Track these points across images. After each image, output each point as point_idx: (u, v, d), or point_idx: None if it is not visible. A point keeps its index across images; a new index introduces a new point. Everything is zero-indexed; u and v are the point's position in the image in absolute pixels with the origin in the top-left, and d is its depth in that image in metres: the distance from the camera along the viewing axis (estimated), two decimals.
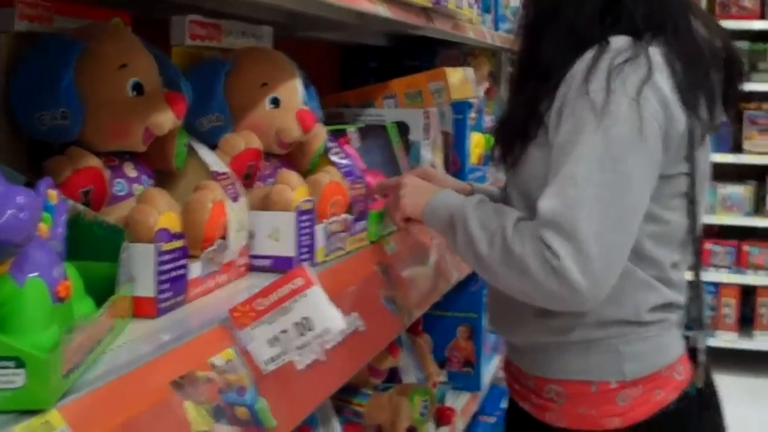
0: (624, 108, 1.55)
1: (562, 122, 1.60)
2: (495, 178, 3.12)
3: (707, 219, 3.11)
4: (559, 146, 1.59)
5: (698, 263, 1.78)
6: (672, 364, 1.73)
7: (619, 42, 1.61)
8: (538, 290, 1.57)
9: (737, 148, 5.84)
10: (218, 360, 1.24)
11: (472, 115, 2.87)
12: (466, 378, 3.15)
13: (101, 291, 1.21)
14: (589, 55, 1.61)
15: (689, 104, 1.62)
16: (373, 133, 2.26)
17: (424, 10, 2.33)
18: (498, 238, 1.60)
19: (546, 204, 1.56)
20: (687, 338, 1.78)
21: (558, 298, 1.56)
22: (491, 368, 3.31)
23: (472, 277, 2.92)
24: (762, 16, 5.64)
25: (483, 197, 1.75)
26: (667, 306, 1.72)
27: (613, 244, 1.55)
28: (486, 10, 3.24)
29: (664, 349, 1.73)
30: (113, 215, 1.35)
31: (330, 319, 1.31)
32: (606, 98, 1.55)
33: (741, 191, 5.92)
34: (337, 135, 2.05)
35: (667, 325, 1.73)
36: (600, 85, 1.56)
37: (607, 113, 1.54)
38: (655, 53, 1.61)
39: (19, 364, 0.93)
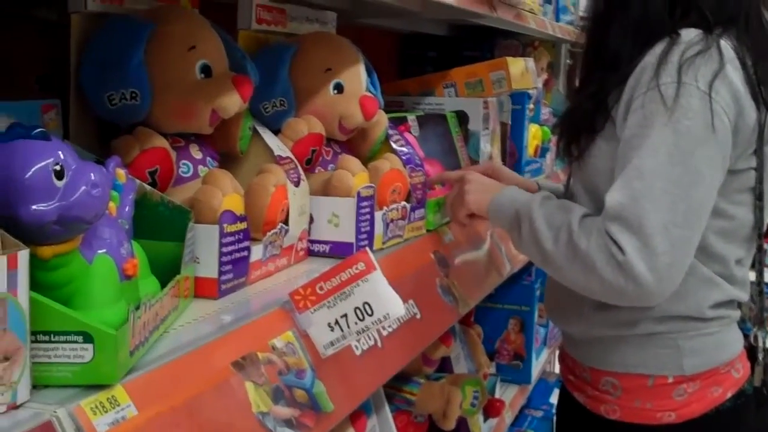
0: (695, 101, 1.53)
1: (631, 115, 1.58)
2: (551, 170, 3.10)
3: None
4: (627, 140, 1.58)
5: (761, 261, 1.75)
6: (731, 361, 1.72)
7: (689, 35, 1.59)
8: (604, 286, 1.55)
9: None
10: (278, 342, 1.25)
11: (531, 106, 2.85)
12: (515, 371, 3.13)
13: (166, 270, 1.22)
14: (659, 48, 1.59)
15: (760, 98, 1.60)
16: (432, 121, 2.26)
17: None
18: (563, 233, 1.59)
19: (613, 198, 1.54)
20: (747, 336, 1.76)
21: (624, 294, 1.54)
22: (540, 362, 3.30)
23: (525, 270, 2.91)
24: None
25: (548, 194, 1.74)
26: (729, 303, 1.70)
27: (681, 239, 1.53)
28: (548, 0, 3.21)
29: (724, 346, 1.72)
30: (178, 196, 1.36)
31: (391, 304, 1.31)
32: (677, 91, 1.53)
33: None
34: (398, 122, 2.05)
35: (728, 322, 1.72)
36: (671, 78, 1.54)
37: (678, 106, 1.52)
38: (727, 46, 1.59)
39: (87, 339, 0.94)
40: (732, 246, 1.68)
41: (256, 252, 1.44)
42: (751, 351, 1.76)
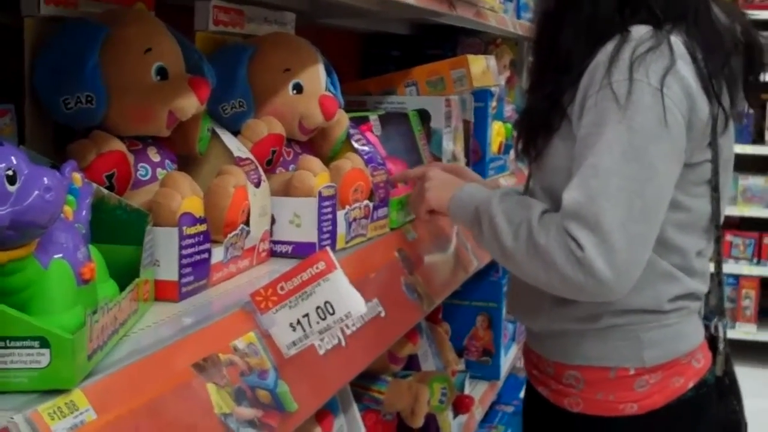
0: (647, 98, 1.54)
1: (585, 114, 1.60)
2: (515, 167, 3.11)
3: (728, 210, 3.11)
4: (582, 138, 1.59)
5: (719, 252, 1.77)
6: (691, 351, 1.73)
7: (640, 31, 1.61)
8: (564, 282, 1.56)
9: (759, 139, 5.80)
10: (240, 343, 1.25)
11: (493, 104, 2.86)
12: (484, 367, 3.14)
13: (124, 274, 1.21)
14: (610, 46, 1.60)
15: (712, 91, 1.61)
16: (394, 120, 2.26)
17: None
18: (523, 230, 1.60)
19: (570, 196, 1.55)
20: (707, 326, 1.78)
21: (584, 290, 1.56)
22: (509, 358, 3.31)
23: (492, 266, 2.92)
24: None
25: (508, 190, 1.75)
26: (689, 295, 1.72)
27: (638, 234, 1.54)
28: None
29: (684, 337, 1.73)
30: (137, 199, 1.35)
31: (352, 303, 1.31)
32: (629, 88, 1.54)
33: (762, 183, 5.88)
34: (359, 122, 2.05)
35: (687, 313, 1.73)
36: (623, 76, 1.55)
37: (630, 103, 1.54)
38: (677, 42, 1.61)
39: (44, 344, 0.93)
40: (691, 238, 1.69)
41: (217, 254, 1.43)
42: (712, 341, 1.77)
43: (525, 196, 1.75)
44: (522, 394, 2.06)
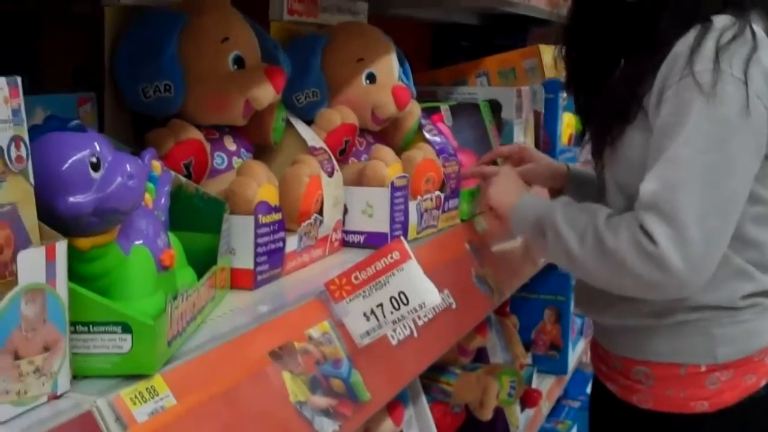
0: (731, 88, 1.51)
1: (664, 105, 1.56)
2: (586, 158, 3.08)
3: None
4: (660, 129, 1.56)
5: None
6: (765, 348, 1.69)
7: (722, 20, 1.57)
8: (636, 281, 1.54)
9: None
10: (315, 332, 1.25)
11: (564, 95, 2.83)
12: (551, 361, 3.12)
13: (202, 262, 1.23)
14: (691, 36, 1.57)
15: None
16: (465, 111, 2.25)
17: None
18: (589, 234, 1.58)
19: (647, 187, 1.53)
20: None
21: (657, 287, 1.53)
22: (577, 352, 3.28)
23: None
24: None
25: (568, 199, 1.72)
26: (764, 292, 1.68)
27: (715, 228, 1.51)
28: None
29: (758, 334, 1.69)
30: (213, 187, 1.36)
31: (426, 293, 1.31)
32: (712, 78, 1.51)
33: None
34: (430, 112, 2.04)
35: (762, 310, 1.69)
36: (706, 66, 1.52)
37: (713, 94, 1.50)
38: (759, 29, 1.57)
39: (126, 329, 0.94)
40: None
41: (291, 243, 1.44)
42: None
43: (587, 202, 1.72)
44: (589, 390, 2.04)
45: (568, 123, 2.89)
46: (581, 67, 1.87)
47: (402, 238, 1.34)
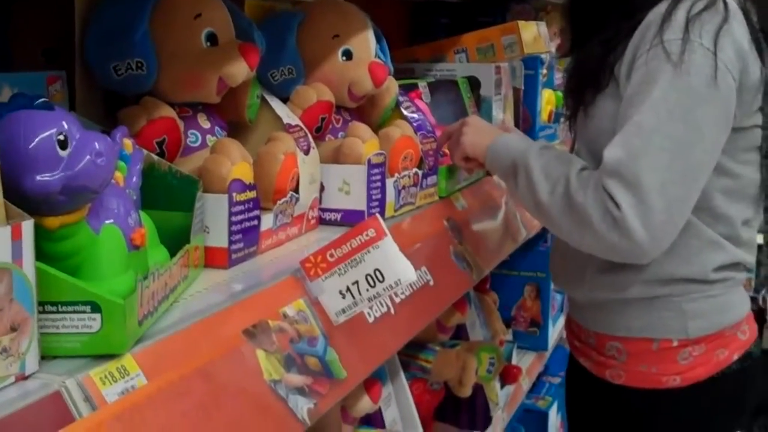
0: (699, 58, 1.51)
1: (634, 73, 1.57)
2: (565, 135, 3.08)
3: None
4: (629, 97, 1.56)
5: None
6: (736, 323, 1.71)
7: None
8: (597, 240, 1.54)
9: None
10: (290, 310, 1.25)
11: (544, 71, 2.83)
12: (531, 338, 3.13)
13: (175, 240, 1.22)
14: (663, 6, 1.57)
15: (764, 51, 1.58)
16: (443, 87, 2.24)
17: None
18: (560, 185, 1.58)
19: (611, 153, 1.53)
20: (754, 299, 1.75)
21: (616, 249, 1.54)
22: (557, 329, 3.29)
23: (540, 236, 2.90)
24: None
25: (546, 143, 1.72)
26: (735, 265, 1.69)
27: (677, 197, 1.51)
28: None
29: (729, 308, 1.71)
30: (187, 166, 1.35)
31: (401, 270, 1.30)
32: (681, 48, 1.51)
33: None
34: (408, 89, 2.04)
35: (733, 284, 1.70)
36: (676, 35, 1.52)
37: (682, 63, 1.51)
38: (732, 1, 1.57)
39: (95, 309, 0.94)
40: (739, 206, 1.66)
41: (267, 221, 1.43)
42: (759, 314, 1.75)
43: (565, 151, 1.72)
44: None
45: (548, 100, 2.88)
46: (575, 37, 1.87)
47: (378, 215, 1.33)
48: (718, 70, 1.51)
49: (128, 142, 1.21)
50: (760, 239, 1.77)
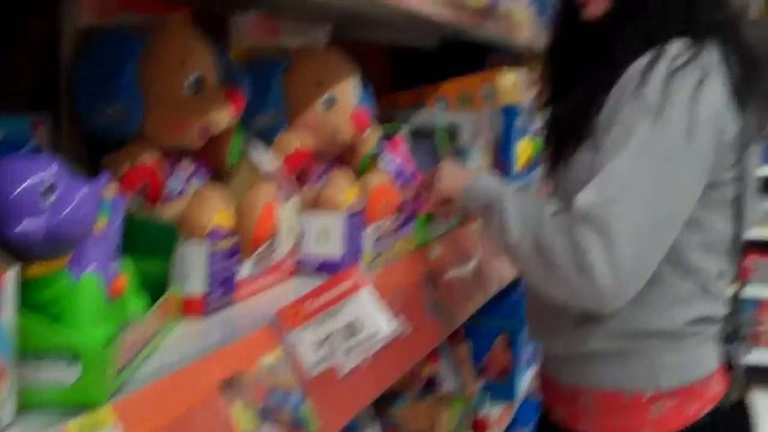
0: (678, 111, 1.53)
1: (613, 125, 1.59)
2: (541, 184, 3.10)
3: (752, 232, 3.02)
4: (606, 148, 1.58)
5: (740, 275, 1.75)
6: (707, 377, 1.71)
7: (676, 46, 1.60)
8: (564, 284, 1.55)
9: None
10: (266, 361, 1.24)
11: (521, 119, 2.85)
12: (502, 388, 3.12)
13: (154, 288, 1.21)
14: (644, 60, 1.59)
15: (741, 107, 1.60)
16: (423, 135, 2.26)
17: (478, 13, 2.32)
18: (532, 228, 1.59)
19: (584, 197, 1.54)
20: (725, 352, 1.76)
21: (582, 295, 1.55)
22: (527, 379, 3.29)
23: (513, 285, 2.90)
24: None
25: (522, 186, 1.74)
26: (707, 319, 1.70)
27: (647, 246, 1.53)
28: (539, 13, 3.21)
29: (700, 362, 1.72)
30: (168, 212, 1.35)
31: (379, 322, 1.31)
32: (661, 100, 1.53)
33: None
34: (388, 136, 2.05)
35: (704, 339, 1.71)
36: (656, 88, 1.55)
37: (661, 116, 1.53)
38: (712, 56, 1.60)
39: (74, 358, 0.93)
40: (712, 259, 1.68)
41: (245, 269, 1.43)
42: (729, 367, 1.75)
43: (540, 196, 1.74)
44: None
45: (524, 148, 2.90)
46: (555, 87, 1.89)
47: (357, 265, 1.33)
48: (695, 124, 1.53)
49: (111, 189, 1.20)
50: (732, 291, 1.78)
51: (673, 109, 1.53)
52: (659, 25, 1.63)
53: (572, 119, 1.70)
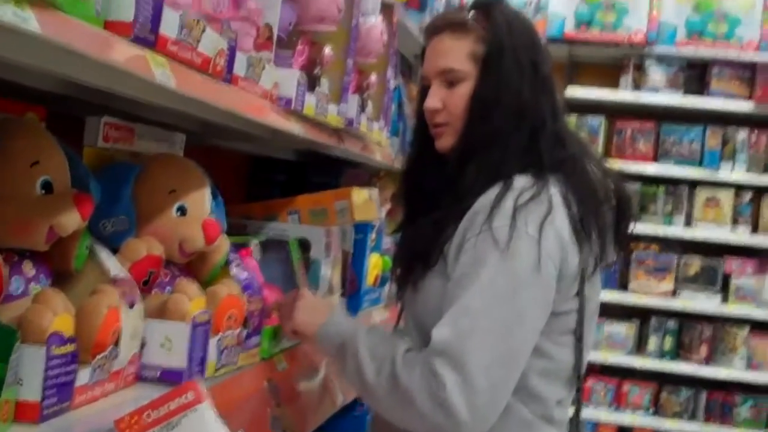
0: (525, 245, 1.60)
1: (462, 255, 1.64)
2: (390, 300, 3.14)
3: (591, 356, 3.11)
4: (457, 278, 1.63)
5: (579, 400, 1.81)
6: None
7: (522, 181, 1.67)
8: (421, 419, 1.58)
9: (623, 287, 5.95)
10: None
11: (373, 236, 2.89)
12: None
13: None
14: (493, 192, 1.66)
15: (583, 241, 1.68)
16: (275, 247, 2.27)
17: (336, 131, 2.38)
18: (386, 367, 1.62)
19: (439, 333, 1.58)
20: None
21: (440, 428, 1.57)
22: None
23: (357, 401, 2.90)
24: (655, 159, 5.78)
25: (375, 325, 1.77)
26: None
27: (500, 378, 1.57)
28: (395, 133, 3.31)
29: None
30: (7, 314, 1.32)
31: None
32: (509, 234, 1.59)
33: (624, 330, 6.01)
34: (239, 246, 2.05)
35: None
36: (504, 222, 1.61)
37: (508, 249, 1.59)
38: (555, 192, 1.67)
39: None
40: (553, 386, 1.73)
41: (83, 376, 1.39)
42: None
43: (391, 333, 1.77)
44: None
45: (374, 264, 2.94)
46: (407, 211, 1.94)
47: (198, 378, 1.32)
48: (541, 257, 1.60)
49: None
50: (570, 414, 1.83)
51: (520, 242, 1.59)
52: (503, 161, 1.71)
53: (421, 246, 1.75)
